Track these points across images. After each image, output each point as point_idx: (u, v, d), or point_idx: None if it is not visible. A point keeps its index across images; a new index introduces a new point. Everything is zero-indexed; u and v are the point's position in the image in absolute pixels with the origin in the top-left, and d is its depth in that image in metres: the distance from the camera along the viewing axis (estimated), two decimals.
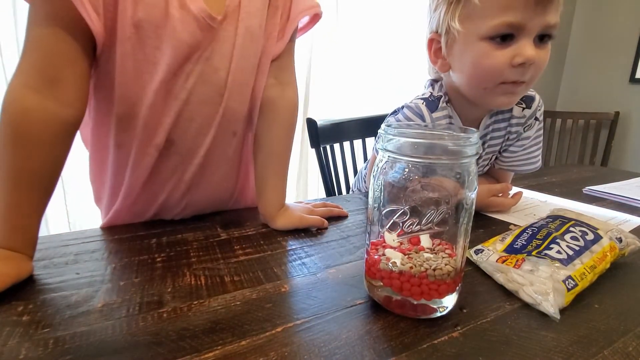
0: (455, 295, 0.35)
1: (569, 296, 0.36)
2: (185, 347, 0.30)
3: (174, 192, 0.56)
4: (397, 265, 0.33)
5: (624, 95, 2.31)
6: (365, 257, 0.37)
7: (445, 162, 0.32)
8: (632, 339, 0.32)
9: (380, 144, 0.34)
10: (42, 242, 0.48)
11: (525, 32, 0.54)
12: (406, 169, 0.33)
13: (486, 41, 0.56)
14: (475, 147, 0.32)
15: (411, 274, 0.33)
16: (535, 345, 0.31)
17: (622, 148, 2.36)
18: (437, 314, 0.34)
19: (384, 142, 0.33)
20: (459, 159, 0.32)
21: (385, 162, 0.34)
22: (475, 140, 0.32)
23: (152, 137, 0.50)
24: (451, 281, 0.33)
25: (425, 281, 0.33)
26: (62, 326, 0.32)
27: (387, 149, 0.33)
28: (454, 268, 0.33)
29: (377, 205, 0.35)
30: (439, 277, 0.33)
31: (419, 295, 0.33)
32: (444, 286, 0.33)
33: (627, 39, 2.25)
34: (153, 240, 0.51)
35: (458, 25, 0.58)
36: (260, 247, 0.50)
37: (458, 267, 0.34)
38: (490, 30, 0.55)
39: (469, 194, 0.33)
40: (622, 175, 0.95)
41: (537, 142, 0.75)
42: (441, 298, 0.34)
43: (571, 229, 0.44)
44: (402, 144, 0.32)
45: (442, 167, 0.32)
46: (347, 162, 1.11)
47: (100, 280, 0.40)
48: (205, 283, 0.40)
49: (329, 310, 0.36)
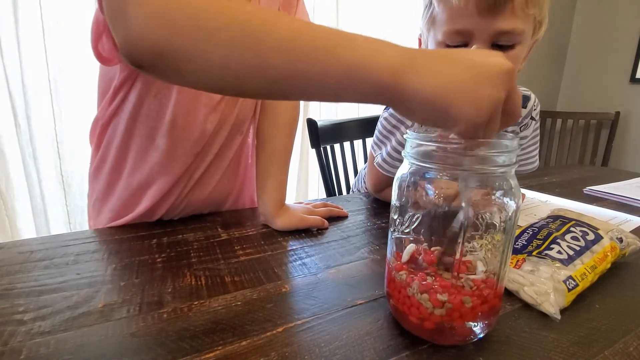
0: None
1: (569, 296, 0.36)
2: (186, 347, 0.30)
3: (183, 190, 0.57)
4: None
5: (624, 95, 2.31)
6: (390, 274, 0.34)
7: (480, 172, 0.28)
8: (633, 339, 0.32)
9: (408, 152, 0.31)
10: (42, 243, 0.49)
11: (475, 40, 0.53)
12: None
13: (442, 47, 0.56)
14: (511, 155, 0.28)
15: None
16: (535, 346, 0.31)
17: (622, 148, 2.36)
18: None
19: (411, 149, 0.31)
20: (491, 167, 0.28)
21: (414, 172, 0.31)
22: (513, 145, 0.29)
23: (189, 138, 0.53)
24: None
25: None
26: (62, 326, 0.32)
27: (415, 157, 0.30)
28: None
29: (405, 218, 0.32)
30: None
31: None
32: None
33: (627, 39, 2.25)
34: (153, 240, 0.51)
35: (425, 29, 0.59)
36: (260, 247, 0.50)
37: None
38: (443, 37, 0.55)
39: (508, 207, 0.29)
40: (622, 175, 0.95)
41: (535, 142, 0.75)
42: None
43: (572, 229, 0.44)
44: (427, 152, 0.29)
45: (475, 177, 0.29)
46: (347, 162, 1.11)
47: (101, 281, 0.40)
48: (205, 283, 0.40)
49: (329, 311, 0.36)
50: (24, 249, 0.47)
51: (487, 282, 0.30)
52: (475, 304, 0.29)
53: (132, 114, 0.51)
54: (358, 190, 0.95)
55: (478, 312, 0.30)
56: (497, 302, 0.31)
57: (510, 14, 0.51)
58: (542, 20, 0.56)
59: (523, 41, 0.54)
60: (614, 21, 2.31)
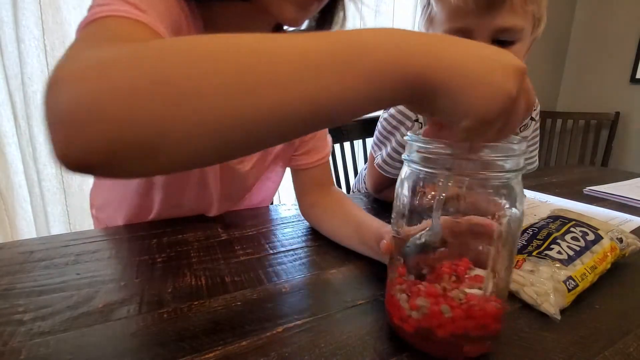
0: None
1: (569, 297, 0.36)
2: (186, 347, 0.30)
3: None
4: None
5: (624, 95, 2.31)
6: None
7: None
8: (633, 339, 0.32)
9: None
10: (42, 243, 0.49)
11: (475, 37, 0.53)
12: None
13: None
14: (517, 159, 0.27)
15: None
16: (535, 346, 0.31)
17: (622, 148, 2.36)
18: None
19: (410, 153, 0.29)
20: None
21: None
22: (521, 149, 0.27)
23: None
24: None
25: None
26: (62, 327, 0.32)
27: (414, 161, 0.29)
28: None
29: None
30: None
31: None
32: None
33: (627, 39, 2.25)
34: (153, 240, 0.51)
35: (424, 30, 0.59)
36: (260, 247, 0.50)
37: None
38: None
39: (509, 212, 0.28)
40: (622, 176, 0.95)
41: (535, 142, 0.76)
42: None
43: (572, 229, 0.44)
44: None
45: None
46: (347, 162, 1.11)
47: (101, 281, 0.40)
48: (205, 283, 0.40)
49: (329, 311, 0.35)
50: (24, 249, 0.47)
51: (484, 299, 0.29)
52: (456, 316, 0.28)
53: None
54: (358, 190, 0.95)
55: (463, 326, 0.28)
56: (489, 322, 0.28)
57: (509, 11, 0.51)
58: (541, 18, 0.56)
59: (522, 38, 0.55)
60: (614, 21, 2.31)
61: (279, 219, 0.61)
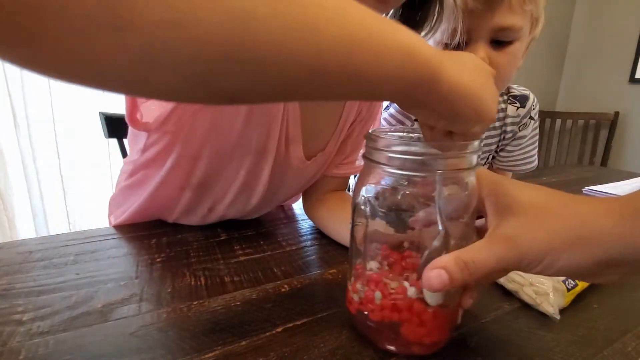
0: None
1: (568, 296, 0.36)
2: (185, 347, 0.30)
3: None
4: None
5: (623, 95, 2.31)
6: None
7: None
8: (632, 339, 0.32)
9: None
10: (42, 243, 0.49)
11: (474, 37, 0.54)
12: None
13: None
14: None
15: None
16: (534, 345, 0.31)
17: (621, 148, 2.36)
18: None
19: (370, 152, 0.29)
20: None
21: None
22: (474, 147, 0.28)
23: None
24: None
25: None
26: (62, 327, 0.32)
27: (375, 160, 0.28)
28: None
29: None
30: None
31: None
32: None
33: (627, 39, 2.26)
34: (153, 240, 0.51)
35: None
36: (260, 247, 0.50)
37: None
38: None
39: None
40: (621, 176, 0.95)
41: (534, 142, 0.76)
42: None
43: None
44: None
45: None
46: None
47: (100, 281, 0.40)
48: (205, 283, 0.40)
49: (329, 311, 0.36)
50: (23, 249, 0.47)
51: (412, 299, 0.28)
52: (386, 305, 0.28)
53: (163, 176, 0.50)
54: None
55: (396, 318, 0.28)
56: (428, 319, 0.28)
57: (507, 10, 0.52)
58: (539, 18, 0.57)
59: (521, 37, 0.55)
60: (614, 21, 2.31)
61: (278, 219, 0.61)
